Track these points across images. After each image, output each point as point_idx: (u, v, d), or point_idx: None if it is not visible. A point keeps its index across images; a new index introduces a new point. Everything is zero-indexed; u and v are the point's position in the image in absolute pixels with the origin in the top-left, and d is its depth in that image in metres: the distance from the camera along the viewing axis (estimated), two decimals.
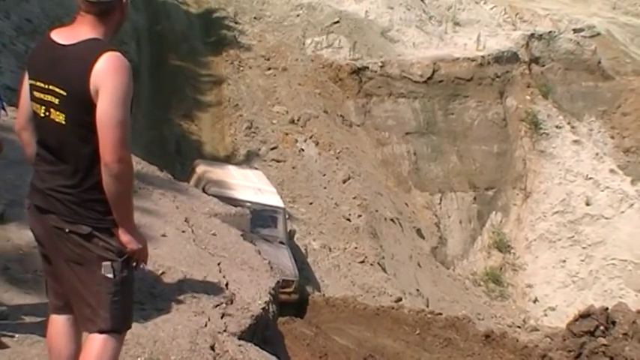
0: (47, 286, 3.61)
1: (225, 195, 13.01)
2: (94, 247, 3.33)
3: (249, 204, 13.03)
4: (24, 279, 5.18)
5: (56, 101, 3.27)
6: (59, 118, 3.27)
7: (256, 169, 18.31)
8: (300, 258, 15.93)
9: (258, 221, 13.42)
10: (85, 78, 3.17)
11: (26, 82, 3.46)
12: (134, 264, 3.45)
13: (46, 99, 3.31)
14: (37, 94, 3.36)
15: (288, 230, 15.29)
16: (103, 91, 3.17)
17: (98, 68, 3.17)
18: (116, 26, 3.39)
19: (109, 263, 3.33)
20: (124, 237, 3.35)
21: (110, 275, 3.33)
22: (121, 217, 3.33)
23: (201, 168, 15.89)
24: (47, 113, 3.31)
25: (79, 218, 3.31)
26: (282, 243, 14.39)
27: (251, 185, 15.52)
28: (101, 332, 3.38)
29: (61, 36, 3.34)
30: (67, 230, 3.32)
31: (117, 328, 3.44)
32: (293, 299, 12.75)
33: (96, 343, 3.38)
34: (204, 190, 12.74)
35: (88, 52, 3.22)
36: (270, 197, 15.31)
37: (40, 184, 3.41)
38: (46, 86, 3.30)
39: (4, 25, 15.30)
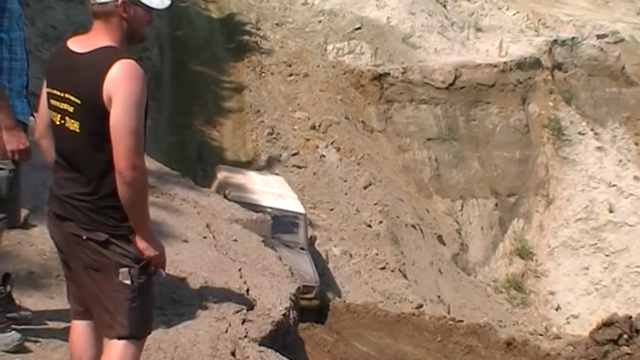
0: (69, 291, 3.65)
1: (247, 201, 13.06)
2: (111, 254, 3.35)
3: (270, 210, 13.08)
4: (47, 284, 5.23)
5: (71, 109, 3.30)
6: (74, 126, 3.30)
7: (277, 174, 18.35)
8: (320, 264, 15.94)
9: (279, 227, 13.45)
10: (98, 86, 3.19)
11: (44, 90, 3.49)
12: (152, 270, 3.46)
13: (61, 107, 3.34)
14: (53, 102, 3.39)
15: (309, 236, 15.31)
16: (117, 99, 3.18)
17: (111, 76, 3.18)
18: (128, 32, 3.38)
19: (126, 270, 3.34)
20: (141, 244, 3.36)
21: (127, 282, 3.35)
22: (136, 224, 3.35)
23: (222, 173, 15.95)
24: (62, 121, 3.35)
25: (96, 225, 3.34)
26: (302, 249, 14.41)
27: (272, 191, 15.56)
28: (120, 338, 3.40)
29: (76, 44, 3.37)
30: (84, 237, 3.35)
31: (135, 334, 3.45)
32: (314, 305, 12.75)
33: (115, 349, 3.40)
34: (225, 196, 12.78)
35: (102, 59, 3.24)
36: (291, 203, 15.36)
37: (58, 192, 3.45)
38: (62, 94, 3.33)
39: (30, 32, 15.42)
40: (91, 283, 3.43)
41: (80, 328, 3.59)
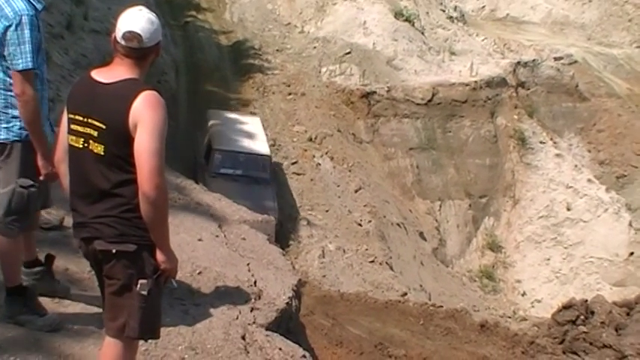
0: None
1: (229, 149, 16.92)
2: (134, 267, 3.29)
3: (243, 154, 16.96)
4: (81, 278, 5.22)
5: (95, 134, 3.23)
6: (98, 149, 3.23)
7: (254, 114, 20.80)
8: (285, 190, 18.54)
9: (251, 166, 16.85)
10: (125, 113, 3.14)
11: (65, 117, 3.40)
12: (165, 280, 3.42)
13: (84, 131, 3.27)
14: (74, 126, 3.31)
15: (272, 170, 17.72)
16: (142, 125, 3.13)
17: (137, 105, 3.15)
18: (150, 65, 3.38)
19: (145, 282, 3.29)
20: (161, 256, 3.32)
21: (144, 292, 3.29)
22: (158, 238, 3.29)
23: (211, 122, 18.59)
24: (86, 145, 3.27)
25: (125, 238, 3.27)
26: (268, 183, 16.86)
27: (247, 131, 18.26)
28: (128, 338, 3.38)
29: (101, 75, 3.32)
30: (114, 251, 3.27)
31: (143, 336, 3.46)
32: None
33: (117, 345, 3.38)
34: (209, 145, 17.06)
35: (128, 90, 3.20)
36: (260, 146, 17.76)
37: (82, 219, 3.36)
38: (85, 119, 3.26)
39: (64, 60, 15.47)
40: (109, 290, 3.38)
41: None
